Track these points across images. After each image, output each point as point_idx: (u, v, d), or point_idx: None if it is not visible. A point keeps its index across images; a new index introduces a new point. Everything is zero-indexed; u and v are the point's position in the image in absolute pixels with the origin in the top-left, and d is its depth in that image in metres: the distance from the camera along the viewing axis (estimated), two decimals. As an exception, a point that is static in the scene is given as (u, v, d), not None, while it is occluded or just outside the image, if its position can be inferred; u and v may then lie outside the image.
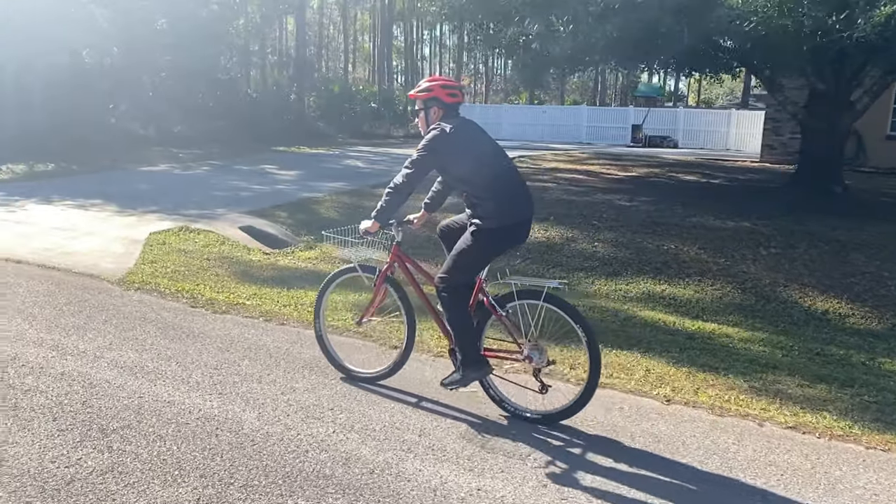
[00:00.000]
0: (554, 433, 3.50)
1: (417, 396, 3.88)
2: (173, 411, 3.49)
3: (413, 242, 4.67)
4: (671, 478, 3.10)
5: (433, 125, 3.58)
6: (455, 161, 3.55)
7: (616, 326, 5.68)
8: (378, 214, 3.64)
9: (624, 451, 3.32)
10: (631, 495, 2.94)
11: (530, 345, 3.55)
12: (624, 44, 8.15)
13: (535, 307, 3.51)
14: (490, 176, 3.51)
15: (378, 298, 3.98)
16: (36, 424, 3.28)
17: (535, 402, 3.68)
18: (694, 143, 27.35)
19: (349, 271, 4.05)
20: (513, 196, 3.54)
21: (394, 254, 3.87)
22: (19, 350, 4.27)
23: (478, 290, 3.65)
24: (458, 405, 3.77)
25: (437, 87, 3.64)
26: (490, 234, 3.47)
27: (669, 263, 7.60)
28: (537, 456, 3.24)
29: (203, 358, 4.29)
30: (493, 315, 3.61)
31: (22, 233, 7.97)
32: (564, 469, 3.13)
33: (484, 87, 47.49)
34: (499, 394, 3.74)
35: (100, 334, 4.64)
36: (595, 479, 3.05)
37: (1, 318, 4.89)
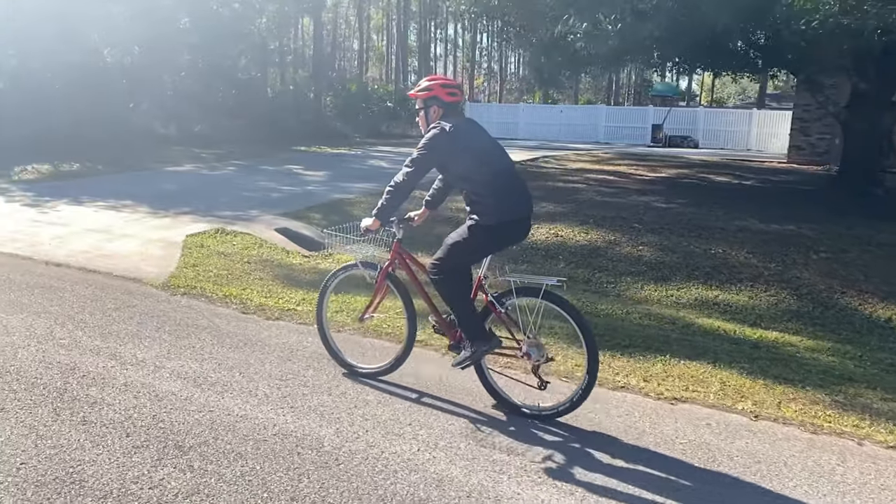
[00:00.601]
0: (660, 452, 3.31)
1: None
2: (248, 426, 3.34)
3: (414, 239, 4.62)
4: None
5: (433, 124, 3.61)
6: (455, 159, 3.58)
7: (677, 335, 5.50)
8: (379, 212, 3.68)
9: (725, 475, 3.15)
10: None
11: (529, 342, 3.57)
12: (670, 43, 7.97)
13: (534, 304, 3.54)
14: (489, 174, 3.54)
15: (379, 295, 4.03)
16: (109, 440, 3.14)
17: (534, 398, 3.69)
18: (714, 143, 27.06)
19: (351, 268, 4.09)
20: (511, 194, 3.57)
21: (395, 251, 3.92)
22: (77, 359, 4.13)
23: (477, 288, 3.68)
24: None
25: (437, 87, 3.68)
26: (487, 230, 3.51)
27: (719, 268, 7.40)
28: (634, 488, 3.07)
29: (266, 368, 4.14)
30: (493, 312, 3.63)
31: (57, 235, 7.87)
32: (668, 492, 2.96)
33: (498, 86, 47.28)
34: (497, 388, 3.76)
35: (155, 342, 4.50)
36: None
37: (53, 324, 4.77)
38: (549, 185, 12.48)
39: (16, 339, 4.42)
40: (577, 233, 8.61)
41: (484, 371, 3.79)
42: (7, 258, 6.79)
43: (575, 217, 9.41)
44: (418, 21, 45.68)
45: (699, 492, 2.98)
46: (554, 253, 8.01)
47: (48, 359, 4.11)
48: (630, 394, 4.05)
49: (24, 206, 9.69)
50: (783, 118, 26.29)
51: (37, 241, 7.56)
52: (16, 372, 3.88)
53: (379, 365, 4.07)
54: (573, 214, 9.61)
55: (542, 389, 3.61)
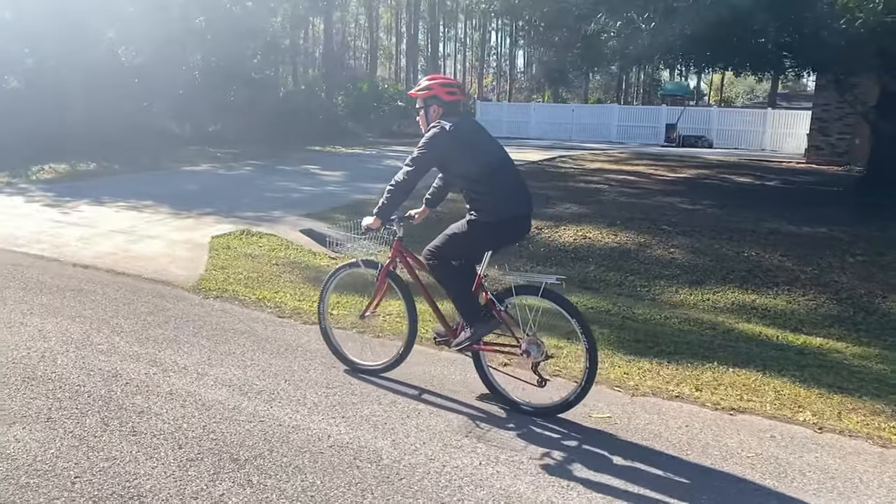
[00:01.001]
0: (727, 467, 3.19)
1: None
2: (301, 438, 3.24)
3: (414, 237, 4.60)
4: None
5: (433, 123, 3.62)
6: (454, 158, 3.60)
7: (720, 341, 5.37)
8: (380, 211, 3.69)
9: (801, 491, 3.02)
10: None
11: (528, 339, 3.57)
12: (698, 42, 7.83)
13: (534, 303, 3.57)
14: (489, 172, 3.56)
15: (381, 293, 4.04)
16: (162, 452, 3.04)
17: (534, 395, 3.69)
18: (728, 143, 26.85)
19: (352, 266, 4.12)
20: (511, 192, 3.59)
21: (395, 249, 3.93)
22: (118, 365, 4.04)
23: (477, 286, 3.68)
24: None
25: (437, 86, 3.70)
26: (485, 227, 3.54)
27: (754, 272, 7.27)
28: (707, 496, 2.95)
29: (311, 375, 4.04)
30: (492, 310, 3.63)
31: (81, 236, 7.79)
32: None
33: (508, 85, 47.11)
34: (497, 385, 3.75)
35: (195, 348, 4.41)
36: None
37: (89, 329, 4.68)
38: (570, 186, 12.36)
39: (53, 345, 4.33)
40: (605, 235, 8.49)
41: (484, 368, 3.79)
42: (34, 259, 6.71)
43: (601, 218, 9.29)
44: (427, 20, 45.55)
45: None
46: (583, 255, 7.89)
47: (89, 365, 4.02)
48: (686, 404, 3.93)
49: (45, 207, 9.63)
50: (798, 118, 26.09)
51: (61, 242, 7.48)
52: (58, 379, 3.79)
53: (381, 362, 4.08)
54: (599, 216, 9.49)
55: (542, 387, 3.62)
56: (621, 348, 4.92)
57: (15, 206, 9.61)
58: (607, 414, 3.71)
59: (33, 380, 3.77)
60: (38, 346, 4.29)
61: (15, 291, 5.53)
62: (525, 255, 7.97)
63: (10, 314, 4.92)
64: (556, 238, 8.46)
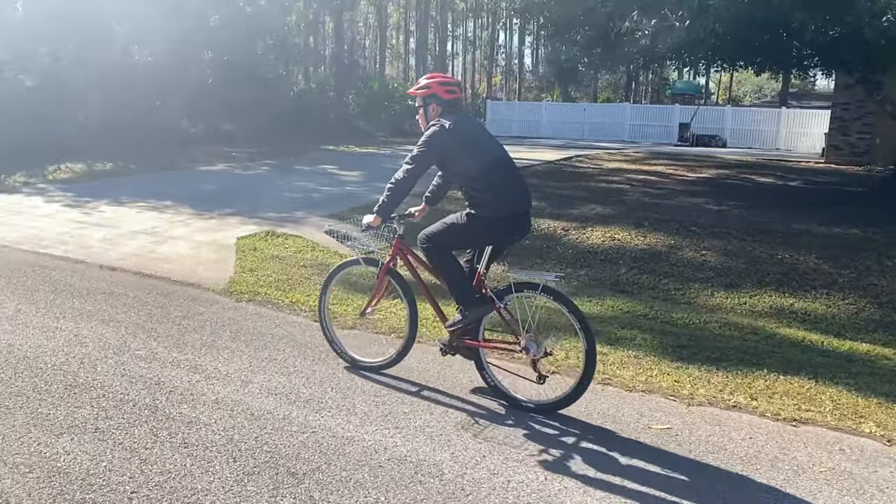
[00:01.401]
0: (802, 482, 3.07)
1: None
2: (358, 450, 3.13)
3: (414, 235, 4.60)
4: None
5: (432, 121, 3.65)
6: (453, 156, 3.62)
7: (764, 346, 5.24)
8: (380, 209, 3.73)
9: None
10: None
11: (528, 336, 3.58)
12: (727, 40, 7.69)
13: (533, 299, 3.57)
14: (488, 170, 3.58)
15: (381, 290, 4.07)
16: (217, 466, 2.94)
17: (534, 392, 3.70)
18: (742, 143, 26.64)
19: (353, 264, 4.18)
20: (509, 189, 3.61)
21: (396, 246, 3.96)
22: (159, 372, 3.94)
23: (477, 283, 3.69)
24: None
25: (435, 84, 3.72)
26: (483, 221, 3.56)
27: (790, 275, 7.13)
28: None
29: (357, 383, 3.93)
30: (492, 307, 3.64)
31: (104, 237, 7.71)
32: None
33: (517, 84, 46.93)
34: (496, 382, 3.76)
35: (235, 354, 4.30)
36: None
37: (125, 334, 4.59)
38: (591, 186, 12.23)
39: (91, 351, 4.24)
40: (633, 236, 8.36)
41: (483, 365, 3.78)
42: (60, 261, 6.63)
43: (628, 219, 9.16)
44: (435, 19, 45.42)
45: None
46: (613, 258, 7.76)
47: (130, 372, 3.92)
48: (745, 414, 3.80)
49: (66, 207, 9.56)
50: (813, 117, 25.87)
51: (85, 243, 7.40)
52: (101, 387, 3.69)
53: (381, 359, 4.10)
54: (625, 217, 9.36)
55: (541, 383, 3.61)
56: (666, 354, 4.80)
57: (35, 207, 9.54)
58: (667, 425, 3.58)
59: (76, 387, 3.67)
60: (76, 352, 4.20)
61: (45, 294, 5.45)
62: (553, 256, 7.85)
63: (43, 318, 4.84)
64: (583, 239, 8.34)
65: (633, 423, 3.59)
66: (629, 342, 5.03)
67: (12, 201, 9.99)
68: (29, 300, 5.26)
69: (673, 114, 28.16)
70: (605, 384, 4.12)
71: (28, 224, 8.35)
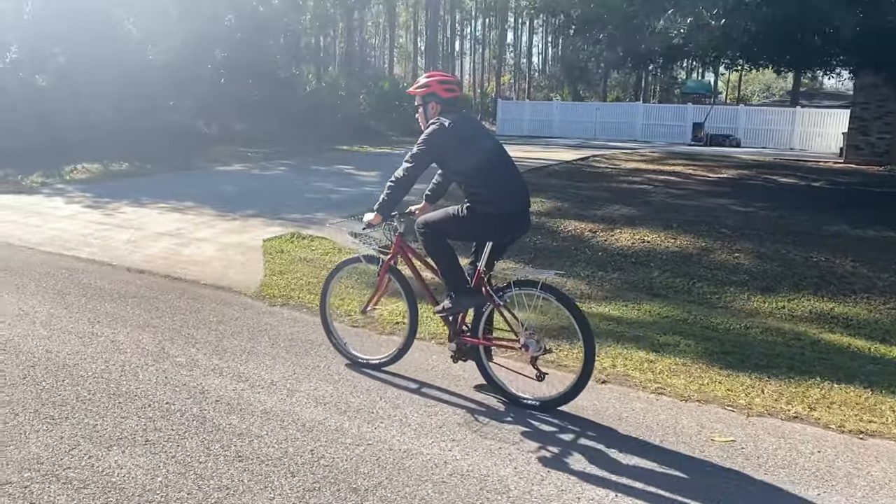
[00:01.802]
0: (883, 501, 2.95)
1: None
2: (418, 464, 3.02)
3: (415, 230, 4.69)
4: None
5: (432, 120, 3.68)
6: (453, 154, 3.65)
7: (810, 353, 5.10)
8: (380, 207, 3.77)
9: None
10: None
11: (527, 334, 3.59)
12: (760, 39, 7.56)
13: (532, 297, 3.59)
14: (487, 168, 3.61)
15: (382, 288, 4.12)
16: (276, 481, 2.83)
17: (532, 388, 3.71)
18: (756, 142, 26.49)
19: (354, 262, 4.22)
20: (508, 187, 3.64)
21: (396, 244, 4.01)
22: (202, 380, 3.84)
23: (477, 281, 3.70)
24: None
25: (435, 83, 3.74)
26: (482, 217, 3.59)
27: (827, 278, 6.98)
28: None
29: (406, 392, 3.82)
30: (492, 304, 3.66)
31: (129, 239, 7.63)
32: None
33: (526, 83, 46.75)
34: (496, 379, 3.78)
35: (276, 361, 4.20)
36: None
37: (162, 339, 4.49)
38: (612, 186, 12.10)
39: (130, 357, 4.14)
40: (663, 238, 8.22)
41: (484, 363, 3.81)
42: (87, 264, 6.55)
43: (655, 221, 9.02)
44: (443, 18, 45.27)
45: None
46: (644, 260, 7.63)
47: (172, 380, 3.82)
48: (808, 425, 3.68)
49: (86, 208, 9.49)
50: (828, 117, 25.70)
51: (110, 245, 7.32)
52: (145, 396, 3.59)
53: (382, 356, 4.12)
54: (651, 218, 9.22)
55: (540, 380, 3.62)
56: (713, 361, 4.68)
57: (56, 208, 9.47)
58: (730, 437, 3.47)
59: (119, 396, 3.58)
60: (115, 359, 4.10)
61: (76, 298, 5.36)
62: (582, 259, 7.72)
63: (77, 323, 4.75)
64: (612, 241, 8.21)
65: (695, 435, 3.47)
66: (673, 348, 4.92)
67: (32, 202, 9.92)
68: (60, 304, 5.18)
69: (686, 113, 28.01)
70: (659, 393, 4.01)
71: (50, 225, 8.28)
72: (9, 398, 3.50)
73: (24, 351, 4.16)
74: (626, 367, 4.42)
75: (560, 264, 7.46)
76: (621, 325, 5.49)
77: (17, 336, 4.42)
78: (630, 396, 3.93)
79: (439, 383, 3.96)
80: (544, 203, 10.16)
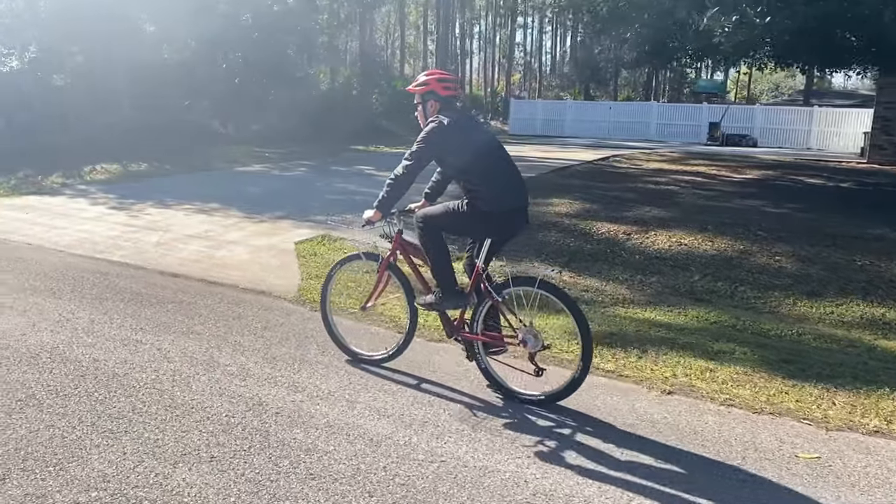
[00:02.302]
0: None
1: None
2: (497, 483, 2.88)
3: None
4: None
5: (431, 118, 3.71)
6: (451, 152, 3.69)
7: (872, 362, 4.94)
8: (380, 204, 3.79)
9: None
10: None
11: (525, 330, 3.61)
12: (802, 37, 7.40)
13: (530, 293, 3.62)
14: (485, 166, 3.65)
15: (381, 285, 4.16)
16: (353, 501, 2.70)
17: (532, 385, 3.72)
18: (772, 142, 26.25)
19: (354, 259, 4.27)
20: (506, 185, 3.67)
21: (396, 241, 4.06)
22: (257, 391, 3.72)
23: (476, 277, 3.72)
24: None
25: (434, 81, 3.78)
26: (481, 214, 3.62)
27: (875, 283, 6.81)
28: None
29: (467, 403, 3.68)
30: (490, 301, 3.70)
31: (158, 241, 7.52)
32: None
33: (537, 82, 46.56)
34: (493, 374, 3.80)
35: (330, 370, 4.07)
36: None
37: (208, 347, 4.37)
38: (639, 187, 11.93)
39: (180, 366, 4.02)
40: (700, 241, 8.06)
41: (482, 358, 3.81)
42: (120, 267, 6.44)
43: (689, 223, 8.86)
44: (453, 17, 45.09)
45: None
46: (683, 263, 7.47)
47: (227, 391, 3.70)
48: (892, 440, 3.52)
49: (111, 210, 9.39)
50: (847, 116, 25.44)
51: (140, 248, 7.22)
52: (201, 408, 3.47)
53: (381, 353, 4.16)
54: (684, 220, 9.05)
55: (539, 376, 3.63)
56: (774, 370, 4.52)
57: (81, 210, 9.37)
58: (815, 454, 3.31)
59: (175, 408, 3.45)
60: (164, 368, 3.98)
61: (115, 303, 5.25)
62: (619, 262, 7.57)
63: (120, 330, 4.63)
64: (648, 244, 8.05)
65: (776, 450, 3.33)
66: (730, 356, 4.77)
67: (56, 203, 9.83)
68: (99, 310, 5.06)
69: (700, 113, 27.79)
70: (729, 405, 3.86)
71: (77, 227, 8.18)
72: (63, 410, 3.38)
73: (72, 359, 4.05)
74: (688, 376, 4.27)
75: (597, 268, 7.32)
76: (672, 332, 5.34)
77: (61, 343, 4.30)
78: (700, 409, 3.78)
79: (493, 397, 3.82)
80: (572, 204, 10.01)
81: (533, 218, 4.09)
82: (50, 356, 4.08)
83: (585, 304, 6.00)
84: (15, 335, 4.43)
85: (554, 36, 52.17)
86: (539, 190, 11.32)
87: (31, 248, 7.14)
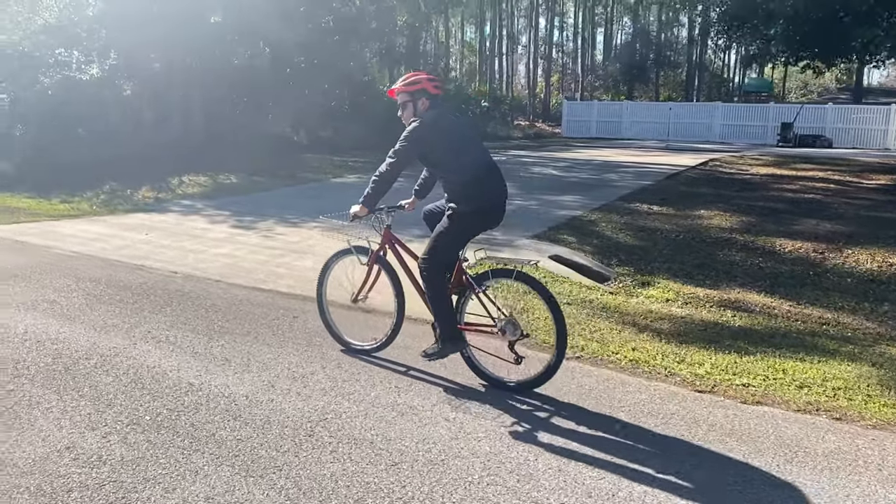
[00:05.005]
0: None
1: None
2: None
3: (406, 222, 3.98)
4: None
5: (413, 118, 3.84)
6: (433, 150, 3.81)
7: None
8: (365, 200, 3.95)
9: None
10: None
11: (505, 319, 3.75)
12: None
13: (509, 284, 3.81)
14: (465, 163, 3.74)
15: (371, 278, 4.32)
16: None
17: (510, 371, 3.84)
18: (846, 142, 25.18)
19: (346, 254, 4.42)
20: (486, 182, 3.76)
21: (385, 236, 4.24)
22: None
23: (458, 269, 3.87)
24: None
25: (425, 80, 3.90)
26: (464, 216, 3.73)
27: None
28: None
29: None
30: (471, 292, 3.84)
31: (314, 266, 6.80)
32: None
33: (581, 83, 45.59)
34: (477, 363, 3.95)
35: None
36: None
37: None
38: (776, 196, 11.07)
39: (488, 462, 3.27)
40: (869, 256, 7.23)
41: (467, 349, 3.94)
42: (299, 302, 5.70)
43: (878, 239, 8.01)
44: (493, 18, 44.36)
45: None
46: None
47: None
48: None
49: (236, 229, 8.74)
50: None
51: (303, 275, 6.51)
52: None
53: (371, 343, 4.38)
54: (869, 235, 8.21)
55: (518, 364, 3.77)
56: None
57: (204, 229, 8.72)
58: None
59: None
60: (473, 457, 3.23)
61: (330, 351, 4.52)
62: (830, 287, 6.76)
63: (375, 391, 3.90)
64: (851, 264, 7.22)
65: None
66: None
67: (171, 222, 9.20)
68: (330, 361, 4.34)
69: (768, 113, 26.77)
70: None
71: (214, 251, 7.51)
72: None
73: (363, 440, 3.31)
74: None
75: (811, 294, 6.52)
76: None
77: (351, 418, 3.57)
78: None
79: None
80: (725, 217, 9.19)
81: (695, 232, 3.73)
82: (348, 442, 3.34)
83: (850, 343, 5.19)
84: (263, 402, 3.70)
85: (591, 36, 51.26)
86: (674, 199, 10.51)
87: (182, 277, 6.47)
